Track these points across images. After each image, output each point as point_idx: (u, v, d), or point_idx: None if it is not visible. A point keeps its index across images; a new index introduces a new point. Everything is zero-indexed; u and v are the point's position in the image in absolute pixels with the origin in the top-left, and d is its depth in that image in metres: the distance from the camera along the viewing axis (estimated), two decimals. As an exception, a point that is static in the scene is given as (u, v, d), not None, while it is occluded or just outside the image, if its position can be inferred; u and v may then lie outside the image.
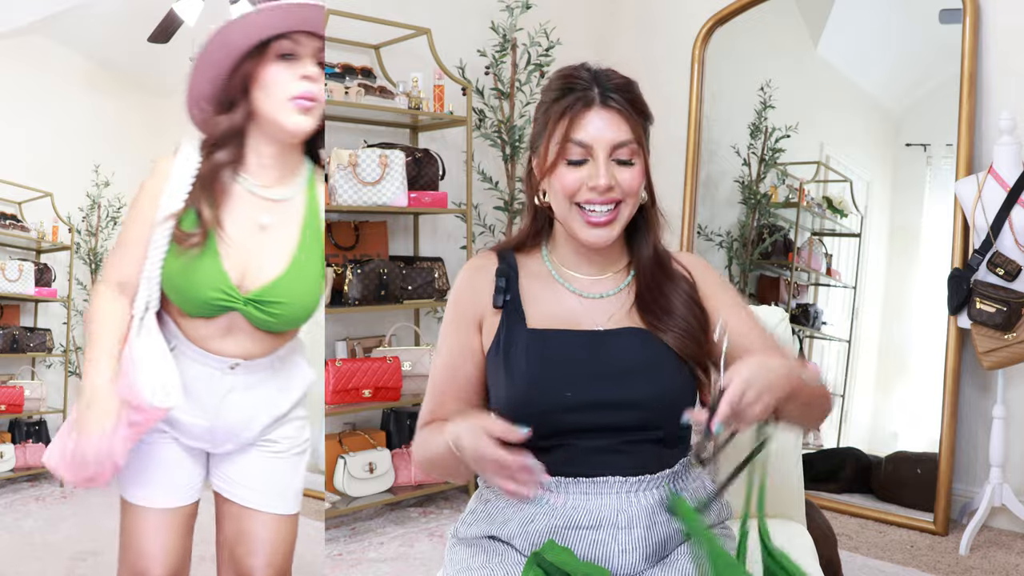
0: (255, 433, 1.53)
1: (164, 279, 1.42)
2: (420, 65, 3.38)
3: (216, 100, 1.46)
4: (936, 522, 3.03)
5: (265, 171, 1.47)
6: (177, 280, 1.41)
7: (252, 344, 1.47)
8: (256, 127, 1.45)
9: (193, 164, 1.44)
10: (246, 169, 1.47)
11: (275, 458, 1.56)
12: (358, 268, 3.07)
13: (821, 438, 3.50)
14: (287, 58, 1.42)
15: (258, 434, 1.54)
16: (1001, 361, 2.77)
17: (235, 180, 1.46)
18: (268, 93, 1.40)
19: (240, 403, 1.49)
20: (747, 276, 3.72)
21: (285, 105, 1.40)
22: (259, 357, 1.49)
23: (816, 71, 3.68)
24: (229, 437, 1.52)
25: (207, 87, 1.46)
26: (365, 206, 3.08)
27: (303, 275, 1.45)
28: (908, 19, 3.37)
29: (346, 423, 3.36)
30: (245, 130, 1.45)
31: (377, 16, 3.23)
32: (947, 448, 3.04)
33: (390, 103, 3.24)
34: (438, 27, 3.40)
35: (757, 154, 3.70)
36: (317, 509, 3.05)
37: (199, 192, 1.43)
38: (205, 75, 1.44)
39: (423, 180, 3.24)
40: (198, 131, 1.50)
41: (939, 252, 3.13)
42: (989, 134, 3.04)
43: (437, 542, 2.96)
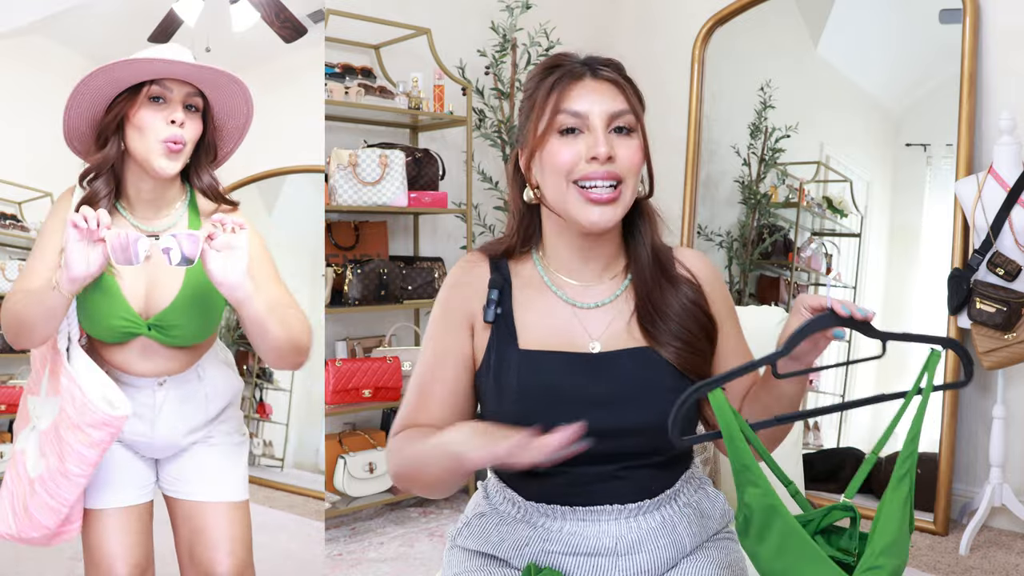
0: (192, 439, 1.65)
1: (77, 311, 1.51)
2: (420, 65, 3.38)
3: (92, 136, 1.53)
4: (936, 522, 3.03)
5: (144, 204, 1.55)
6: (87, 311, 1.50)
7: (170, 362, 1.58)
8: (131, 163, 1.52)
9: (78, 199, 1.52)
10: (127, 202, 1.56)
11: (212, 449, 1.67)
12: (358, 268, 3.07)
13: (821, 438, 3.51)
14: (157, 101, 1.48)
15: (194, 438, 1.65)
16: (1001, 361, 2.77)
17: (118, 212, 1.55)
18: (140, 134, 1.47)
19: (174, 414, 1.61)
20: (747, 276, 3.72)
21: (154, 147, 1.47)
22: (181, 372, 1.60)
23: (816, 71, 3.68)
24: (169, 445, 1.63)
25: (82, 124, 1.52)
26: (365, 206, 3.08)
27: (199, 294, 1.54)
28: (908, 19, 3.36)
29: (346, 423, 3.36)
30: (121, 164, 1.53)
31: (377, 16, 3.23)
32: (947, 448, 3.04)
33: (390, 103, 3.25)
34: (438, 27, 3.40)
35: (757, 154, 3.70)
36: (317, 509, 3.05)
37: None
38: (79, 112, 1.50)
39: (423, 180, 3.25)
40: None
41: (939, 252, 3.13)
42: (989, 134, 3.04)
43: (437, 542, 2.96)
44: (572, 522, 1.17)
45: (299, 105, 3.12)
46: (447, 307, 1.24)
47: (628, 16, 4.18)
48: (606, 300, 1.22)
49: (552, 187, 1.16)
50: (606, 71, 1.16)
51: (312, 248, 3.22)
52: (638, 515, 1.17)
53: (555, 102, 1.14)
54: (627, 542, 1.16)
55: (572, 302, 1.21)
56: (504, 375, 1.17)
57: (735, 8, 3.70)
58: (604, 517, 1.17)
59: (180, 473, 1.65)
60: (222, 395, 1.68)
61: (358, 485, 3.08)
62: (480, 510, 1.27)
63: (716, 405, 1.03)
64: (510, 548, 1.20)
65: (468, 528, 1.27)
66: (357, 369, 3.05)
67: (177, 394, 1.60)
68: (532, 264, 1.25)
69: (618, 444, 1.14)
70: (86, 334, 1.56)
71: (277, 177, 3.32)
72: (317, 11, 3.04)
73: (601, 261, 1.22)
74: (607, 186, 1.12)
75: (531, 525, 1.19)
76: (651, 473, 1.18)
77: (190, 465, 1.65)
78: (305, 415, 3.32)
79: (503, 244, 1.26)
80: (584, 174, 1.12)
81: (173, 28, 2.90)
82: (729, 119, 3.80)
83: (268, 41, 2.95)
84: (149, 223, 1.55)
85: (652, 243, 1.23)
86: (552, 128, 1.14)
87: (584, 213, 1.14)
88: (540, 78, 1.18)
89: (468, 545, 1.26)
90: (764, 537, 1.02)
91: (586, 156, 1.12)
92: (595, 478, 1.16)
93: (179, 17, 2.87)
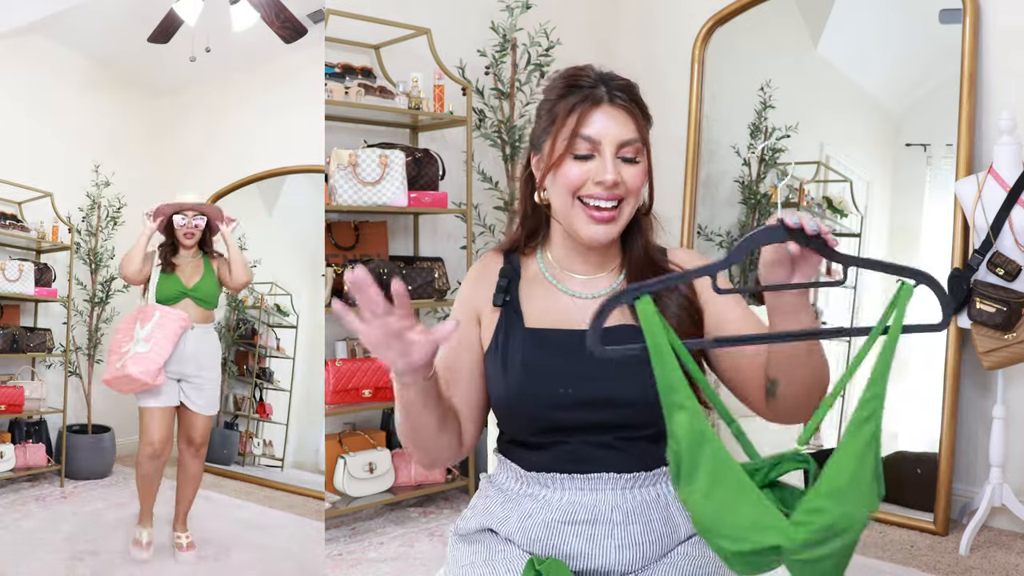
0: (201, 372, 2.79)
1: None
2: (420, 65, 3.38)
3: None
4: (936, 522, 3.03)
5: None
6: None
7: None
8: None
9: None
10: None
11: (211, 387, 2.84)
12: (358, 268, 3.07)
13: (821, 438, 3.50)
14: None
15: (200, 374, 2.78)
16: (1001, 361, 2.77)
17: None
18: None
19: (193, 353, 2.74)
20: (747, 276, 3.72)
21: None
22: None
23: (816, 71, 3.68)
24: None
25: None
26: (365, 206, 3.08)
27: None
28: (908, 19, 3.36)
29: (346, 423, 3.36)
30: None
31: (377, 16, 3.23)
32: (947, 448, 3.04)
33: (390, 103, 3.24)
34: (438, 27, 3.40)
35: (757, 154, 3.70)
36: (317, 509, 3.05)
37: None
38: None
39: (423, 180, 3.24)
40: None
41: (939, 252, 3.13)
42: (989, 134, 3.04)
43: (437, 542, 2.96)
44: (571, 491, 1.24)
45: (299, 105, 3.13)
46: (461, 299, 1.36)
47: (628, 16, 4.18)
48: (603, 291, 1.32)
49: (559, 200, 1.27)
50: (621, 98, 1.24)
51: (312, 248, 3.22)
52: (634, 487, 1.24)
53: (574, 126, 1.23)
54: (623, 511, 1.23)
55: (572, 293, 1.32)
56: (510, 350, 1.27)
57: (735, 8, 3.70)
58: (601, 486, 1.24)
59: (189, 397, 2.79)
60: (217, 352, 2.86)
61: (358, 485, 3.08)
62: (484, 493, 1.35)
63: (643, 315, 0.98)
64: (514, 523, 1.25)
65: (472, 511, 1.34)
66: (357, 369, 3.05)
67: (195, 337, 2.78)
68: (536, 261, 1.36)
69: (613, 414, 1.23)
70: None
71: (277, 177, 3.32)
72: (317, 11, 3.04)
73: (599, 260, 1.33)
74: (609, 205, 1.23)
75: (532, 497, 1.26)
76: (644, 446, 1.25)
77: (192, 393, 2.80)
78: (305, 415, 3.32)
79: (513, 241, 1.39)
80: (589, 193, 1.23)
81: (173, 28, 2.90)
82: (729, 119, 3.80)
83: (268, 41, 2.95)
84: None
85: (646, 244, 1.34)
86: (569, 151, 1.24)
87: (585, 229, 1.25)
88: (561, 95, 1.26)
89: (472, 526, 1.31)
90: (693, 476, 0.96)
91: (594, 178, 1.22)
92: (592, 447, 1.24)
93: (179, 17, 2.87)
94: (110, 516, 2.94)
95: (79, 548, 2.76)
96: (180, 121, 3.28)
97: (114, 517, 2.93)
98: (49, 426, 3.02)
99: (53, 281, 2.97)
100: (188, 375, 2.77)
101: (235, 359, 3.39)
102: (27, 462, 2.93)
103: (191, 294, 2.78)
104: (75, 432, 3.05)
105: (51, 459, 3.00)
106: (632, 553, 1.22)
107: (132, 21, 2.97)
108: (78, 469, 3.04)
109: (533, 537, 1.23)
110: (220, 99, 3.26)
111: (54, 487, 3.02)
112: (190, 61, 2.91)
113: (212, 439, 3.30)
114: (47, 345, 2.97)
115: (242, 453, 3.33)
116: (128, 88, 3.21)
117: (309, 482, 3.24)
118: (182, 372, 2.75)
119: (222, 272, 2.86)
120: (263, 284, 3.35)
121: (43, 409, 2.98)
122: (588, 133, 1.23)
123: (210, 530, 2.91)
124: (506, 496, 1.29)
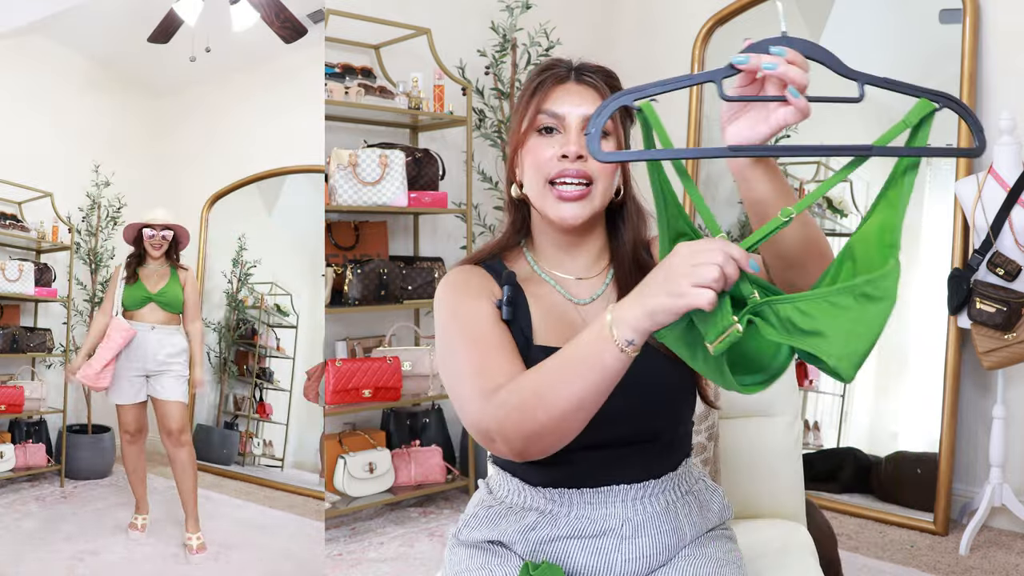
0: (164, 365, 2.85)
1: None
2: (420, 65, 3.38)
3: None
4: (936, 522, 3.03)
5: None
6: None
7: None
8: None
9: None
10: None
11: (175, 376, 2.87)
12: (358, 268, 3.07)
13: (821, 438, 3.50)
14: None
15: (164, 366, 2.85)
16: (1001, 361, 2.77)
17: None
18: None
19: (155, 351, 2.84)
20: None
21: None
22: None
23: (816, 71, 3.67)
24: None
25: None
26: (365, 206, 3.08)
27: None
28: (908, 19, 3.36)
29: (346, 423, 3.36)
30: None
31: (377, 16, 3.23)
32: (947, 448, 3.04)
33: (390, 103, 3.24)
34: (438, 27, 3.40)
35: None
36: (317, 509, 3.05)
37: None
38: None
39: (423, 180, 3.24)
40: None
41: (939, 252, 3.13)
42: (989, 134, 3.04)
43: (437, 542, 2.96)
44: (579, 506, 1.21)
45: (299, 105, 3.13)
46: (468, 287, 1.22)
47: (628, 16, 4.18)
48: (597, 294, 1.26)
49: (531, 185, 1.22)
50: (591, 76, 1.21)
51: (312, 248, 3.22)
52: (643, 497, 1.21)
53: (537, 102, 1.20)
54: (631, 524, 1.20)
55: (569, 297, 1.26)
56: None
57: (735, 8, 3.70)
58: (611, 498, 1.20)
59: (159, 387, 2.85)
60: (180, 343, 2.89)
61: (358, 485, 3.08)
62: (486, 503, 1.29)
63: (653, 119, 0.96)
64: (516, 533, 1.22)
65: (475, 519, 1.29)
66: (357, 369, 3.05)
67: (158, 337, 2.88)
68: (524, 260, 1.30)
69: (623, 429, 1.18)
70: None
71: (277, 177, 3.32)
72: (317, 11, 3.04)
73: (585, 257, 1.27)
74: (577, 183, 1.18)
75: (538, 512, 1.22)
76: (655, 454, 1.22)
77: (164, 382, 2.86)
78: (305, 415, 3.31)
79: (487, 250, 1.29)
80: (557, 172, 1.18)
81: (173, 28, 2.90)
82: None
83: (268, 41, 2.95)
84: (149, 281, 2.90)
85: (633, 240, 1.27)
86: (532, 127, 1.20)
87: (556, 210, 1.19)
88: (529, 80, 1.24)
89: (473, 536, 1.27)
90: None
91: (559, 152, 1.18)
92: (601, 462, 1.20)
93: (179, 17, 2.87)
94: (110, 516, 2.94)
95: (79, 548, 2.76)
96: (180, 121, 3.29)
97: (114, 517, 2.93)
98: (49, 426, 3.02)
99: (53, 281, 2.97)
100: (152, 370, 2.86)
101: (235, 359, 3.39)
102: (27, 462, 2.93)
103: (156, 298, 2.88)
104: (75, 432, 3.05)
105: (51, 459, 3.00)
106: (638, 566, 1.20)
107: (132, 21, 2.97)
108: (78, 469, 3.04)
109: (535, 550, 1.21)
110: (220, 99, 3.26)
111: (54, 487, 3.02)
112: (190, 61, 2.91)
113: (212, 439, 3.30)
114: (47, 345, 2.97)
115: (242, 453, 3.33)
116: (128, 88, 3.22)
117: (309, 482, 3.24)
118: (146, 368, 2.85)
119: (187, 285, 2.96)
120: (263, 284, 3.35)
121: (43, 409, 2.98)
122: (552, 108, 1.19)
123: (210, 530, 2.91)
124: (510, 509, 1.26)
